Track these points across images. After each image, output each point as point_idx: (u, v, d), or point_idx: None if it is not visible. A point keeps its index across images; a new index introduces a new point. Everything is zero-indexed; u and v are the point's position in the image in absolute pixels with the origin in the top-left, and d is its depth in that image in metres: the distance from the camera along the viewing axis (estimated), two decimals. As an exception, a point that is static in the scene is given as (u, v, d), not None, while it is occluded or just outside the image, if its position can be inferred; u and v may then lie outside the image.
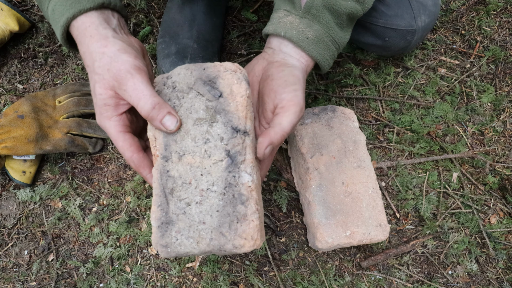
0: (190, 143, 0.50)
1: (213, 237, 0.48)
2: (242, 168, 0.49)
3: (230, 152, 0.50)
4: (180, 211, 0.49)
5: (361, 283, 0.81)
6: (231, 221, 0.48)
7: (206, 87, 0.51)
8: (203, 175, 0.50)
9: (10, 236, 0.84)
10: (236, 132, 0.50)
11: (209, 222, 0.48)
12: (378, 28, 0.81)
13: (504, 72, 1.00)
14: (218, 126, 0.51)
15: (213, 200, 0.49)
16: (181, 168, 0.50)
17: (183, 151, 0.50)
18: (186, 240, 0.49)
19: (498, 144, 0.94)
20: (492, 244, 0.85)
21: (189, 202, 0.49)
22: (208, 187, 0.49)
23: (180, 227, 0.49)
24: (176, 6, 0.92)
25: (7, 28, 0.91)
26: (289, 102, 0.53)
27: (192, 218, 0.49)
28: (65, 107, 0.86)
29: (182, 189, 0.50)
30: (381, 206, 0.74)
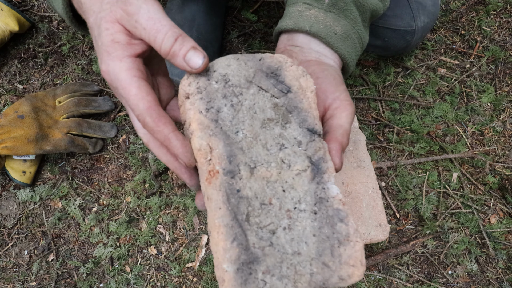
0: (262, 151, 0.39)
1: (314, 270, 0.36)
2: (326, 178, 0.40)
3: (312, 158, 0.40)
4: (265, 243, 0.37)
5: (361, 283, 0.81)
6: (332, 246, 0.37)
7: (270, 80, 0.42)
8: (286, 191, 0.39)
9: (10, 236, 0.84)
10: (313, 134, 0.41)
11: (306, 251, 0.37)
12: (378, 28, 0.81)
13: (504, 72, 1.00)
14: (292, 127, 0.41)
15: (306, 221, 0.38)
16: (255, 184, 0.38)
17: (254, 162, 0.39)
18: (279, 282, 0.36)
19: (498, 144, 0.94)
20: (492, 244, 0.85)
21: (274, 229, 0.37)
22: (295, 206, 0.38)
23: (269, 265, 0.36)
24: (176, 6, 0.92)
25: (7, 28, 0.91)
26: (344, 101, 0.46)
27: (283, 250, 0.37)
28: (65, 107, 0.86)
29: (262, 212, 0.38)
30: (381, 206, 0.74)
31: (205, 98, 0.40)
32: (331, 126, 0.45)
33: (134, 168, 0.88)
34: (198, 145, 0.38)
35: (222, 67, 0.42)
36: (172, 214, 0.85)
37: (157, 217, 0.85)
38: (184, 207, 0.85)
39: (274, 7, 1.03)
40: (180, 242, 0.84)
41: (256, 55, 0.43)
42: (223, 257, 0.35)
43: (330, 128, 0.45)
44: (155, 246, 0.83)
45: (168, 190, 0.87)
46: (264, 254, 0.36)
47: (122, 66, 0.38)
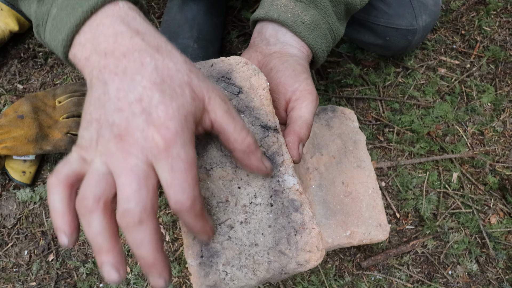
0: (217, 153, 0.41)
1: (272, 259, 0.39)
2: (283, 170, 0.41)
3: (266, 154, 0.42)
4: (223, 237, 0.39)
5: (361, 283, 0.81)
6: (289, 235, 0.40)
7: (221, 84, 0.43)
8: (241, 187, 0.41)
9: (10, 236, 0.84)
10: (267, 130, 0.42)
11: (263, 242, 0.39)
12: (379, 28, 0.81)
13: (504, 72, 1.00)
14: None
15: (261, 214, 0.40)
16: (212, 185, 0.41)
17: (210, 165, 0.41)
18: (239, 272, 0.39)
19: (498, 144, 0.94)
20: (492, 244, 0.85)
21: (232, 224, 0.40)
22: (251, 201, 0.41)
23: (228, 257, 0.39)
24: (176, 6, 0.92)
25: (7, 28, 0.91)
26: (304, 91, 0.46)
27: (240, 243, 0.39)
28: (65, 107, 0.86)
29: (219, 210, 0.40)
30: (381, 206, 0.74)
31: None
32: (291, 118, 0.45)
33: (134, 168, 0.88)
34: None
35: None
36: (172, 214, 0.85)
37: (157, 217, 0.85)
38: (184, 207, 0.85)
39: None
40: (180, 242, 0.84)
41: (208, 61, 0.45)
42: (186, 253, 0.39)
43: (290, 121, 0.45)
44: (155, 246, 0.83)
45: (168, 190, 0.87)
46: (223, 248, 0.39)
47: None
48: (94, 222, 0.31)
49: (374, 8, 0.79)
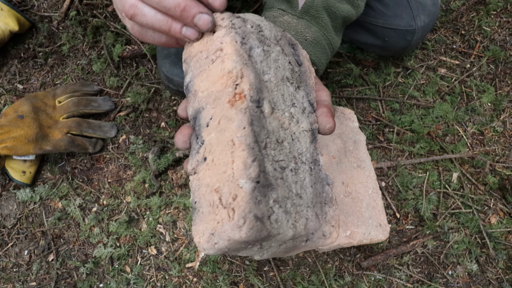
0: (281, 99, 0.41)
1: (309, 216, 0.38)
2: (318, 149, 0.43)
3: (312, 126, 0.43)
4: (278, 174, 0.37)
5: (361, 283, 0.81)
6: (321, 203, 0.40)
7: (290, 49, 0.44)
8: (294, 140, 0.40)
9: (10, 236, 0.84)
10: (312, 108, 0.44)
11: (305, 198, 0.38)
12: (378, 28, 0.81)
13: (504, 72, 1.00)
14: (301, 94, 0.43)
15: (305, 173, 0.40)
16: (273, 123, 0.39)
17: (275, 104, 0.40)
18: (284, 216, 0.35)
19: (498, 144, 0.94)
20: (492, 244, 0.85)
21: (285, 167, 0.38)
22: (299, 156, 0.40)
23: (279, 196, 0.36)
24: (176, 6, 0.92)
25: (7, 28, 0.91)
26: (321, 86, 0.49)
27: (289, 188, 0.37)
28: (65, 107, 0.86)
29: (277, 148, 0.38)
30: (381, 206, 0.74)
31: (240, 34, 0.40)
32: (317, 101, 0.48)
33: (134, 168, 0.88)
34: (231, 67, 0.37)
35: (256, 19, 0.44)
36: (172, 214, 0.85)
37: (157, 217, 0.85)
38: (184, 207, 0.85)
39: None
40: (180, 242, 0.84)
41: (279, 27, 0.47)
42: (241, 172, 0.33)
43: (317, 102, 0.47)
44: (155, 246, 0.83)
45: (168, 190, 0.87)
46: (278, 185, 0.36)
47: None
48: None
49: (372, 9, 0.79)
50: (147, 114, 0.94)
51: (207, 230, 0.34)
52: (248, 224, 0.32)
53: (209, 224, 0.34)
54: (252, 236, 0.33)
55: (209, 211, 0.35)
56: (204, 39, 0.41)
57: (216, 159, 0.36)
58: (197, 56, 0.41)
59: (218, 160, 0.35)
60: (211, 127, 0.37)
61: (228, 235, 0.32)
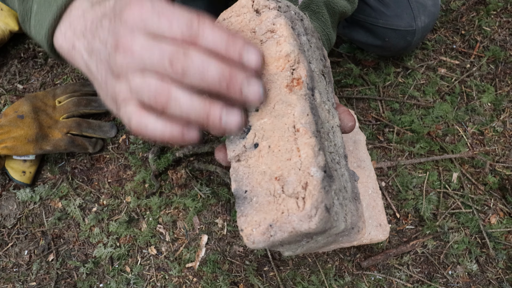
0: (323, 91, 0.39)
1: (351, 210, 0.36)
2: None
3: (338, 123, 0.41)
4: (334, 166, 0.36)
5: (361, 283, 0.81)
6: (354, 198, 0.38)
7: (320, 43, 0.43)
8: (333, 134, 0.38)
9: (10, 236, 0.84)
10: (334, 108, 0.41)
11: (349, 191, 0.37)
12: (378, 29, 0.81)
13: (504, 72, 1.00)
14: (330, 90, 0.41)
15: (343, 167, 0.38)
16: (322, 113, 0.37)
17: (320, 96, 0.38)
18: (340, 208, 0.34)
19: (498, 144, 0.94)
20: (492, 244, 0.85)
21: (335, 159, 0.37)
22: (337, 149, 0.38)
23: (337, 188, 0.34)
24: (176, 6, 0.92)
25: (7, 28, 0.91)
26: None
27: (340, 181, 0.36)
28: (65, 107, 0.86)
29: (328, 139, 0.37)
30: (381, 206, 0.74)
31: (288, 18, 0.38)
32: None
33: (134, 168, 0.88)
34: (289, 51, 0.35)
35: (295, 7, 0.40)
36: (172, 214, 0.85)
37: (157, 217, 0.85)
38: (184, 207, 0.85)
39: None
40: (180, 242, 0.84)
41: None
42: (311, 160, 0.31)
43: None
44: (155, 246, 0.83)
45: (168, 190, 0.87)
46: (334, 176, 0.34)
47: None
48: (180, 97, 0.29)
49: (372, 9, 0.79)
50: (147, 114, 0.94)
51: (266, 221, 0.31)
52: (320, 215, 0.30)
53: (268, 215, 0.32)
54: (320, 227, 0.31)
55: (269, 200, 0.32)
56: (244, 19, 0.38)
57: (273, 146, 0.33)
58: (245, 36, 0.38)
59: (277, 146, 0.33)
60: (263, 111, 0.34)
61: (294, 226, 0.30)
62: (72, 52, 0.36)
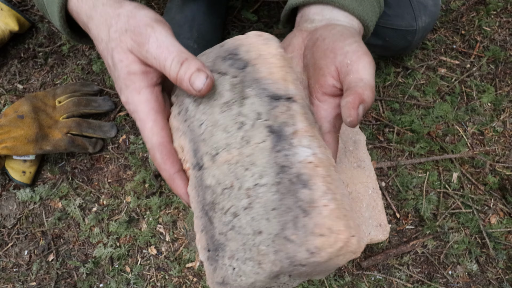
0: (222, 136, 0.37)
1: (277, 248, 0.32)
2: (295, 142, 0.35)
3: (273, 127, 0.36)
4: (227, 227, 0.35)
5: (361, 283, 0.81)
6: (296, 217, 0.32)
7: (226, 62, 0.40)
8: (248, 169, 0.35)
9: (10, 236, 0.84)
10: (275, 100, 0.37)
11: (267, 228, 0.33)
12: (378, 28, 0.81)
13: (504, 72, 1.00)
14: (251, 101, 0.38)
15: (266, 196, 0.34)
16: (217, 171, 0.37)
17: (216, 149, 0.37)
18: (245, 266, 0.34)
19: (498, 144, 0.94)
20: (492, 244, 0.85)
21: (236, 212, 0.35)
22: (255, 183, 0.35)
23: (233, 249, 0.34)
24: (176, 6, 0.92)
25: (7, 28, 0.91)
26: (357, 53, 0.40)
27: (244, 232, 0.34)
28: (65, 107, 0.86)
29: (224, 197, 0.36)
30: (381, 206, 0.74)
31: (177, 102, 0.42)
32: (349, 83, 0.39)
33: (134, 168, 0.88)
34: (175, 146, 0.41)
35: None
36: (172, 214, 0.85)
37: (157, 217, 0.85)
38: (184, 207, 0.85)
39: (274, 7, 1.03)
40: (180, 242, 0.84)
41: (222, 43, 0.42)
42: (198, 247, 0.37)
43: (348, 86, 0.39)
44: (155, 246, 0.83)
45: (168, 190, 0.87)
46: (227, 239, 0.35)
47: (141, 99, 0.39)
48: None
49: None
50: (147, 114, 0.93)
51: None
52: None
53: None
54: None
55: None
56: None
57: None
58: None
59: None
60: None
61: None
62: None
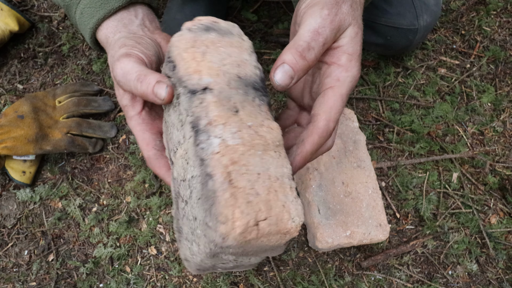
0: (175, 134, 0.41)
1: (204, 232, 0.36)
2: (210, 133, 0.37)
3: (194, 122, 0.38)
4: (182, 213, 0.41)
5: (361, 283, 0.81)
6: (211, 205, 0.35)
7: (167, 65, 0.42)
8: (188, 163, 0.39)
9: (10, 236, 0.84)
10: (193, 94, 0.39)
11: (198, 215, 0.37)
12: (380, 27, 0.81)
13: (504, 72, 1.00)
14: (181, 99, 0.40)
15: (196, 187, 0.37)
16: (178, 165, 0.41)
17: (175, 146, 0.42)
18: (193, 246, 0.40)
19: (498, 144, 0.94)
20: (492, 244, 0.85)
21: (187, 200, 0.40)
22: (192, 175, 0.38)
23: (186, 232, 0.40)
24: (176, 6, 0.92)
25: (7, 28, 0.91)
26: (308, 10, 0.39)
27: (189, 218, 0.39)
28: (65, 107, 0.85)
29: (182, 187, 0.40)
30: (381, 206, 0.74)
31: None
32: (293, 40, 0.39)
33: (134, 168, 0.88)
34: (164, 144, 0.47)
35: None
36: (172, 214, 0.85)
37: (157, 217, 0.85)
38: (184, 207, 0.85)
39: (274, 7, 1.03)
40: (180, 242, 0.84)
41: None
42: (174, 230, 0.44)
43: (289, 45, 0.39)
44: (155, 246, 0.83)
45: (168, 190, 0.87)
46: (183, 224, 0.41)
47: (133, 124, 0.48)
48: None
49: (375, 7, 0.79)
50: (147, 114, 0.94)
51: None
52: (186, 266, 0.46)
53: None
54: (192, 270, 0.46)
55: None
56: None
57: None
58: None
59: None
60: None
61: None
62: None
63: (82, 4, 0.51)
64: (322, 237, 0.71)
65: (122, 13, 0.51)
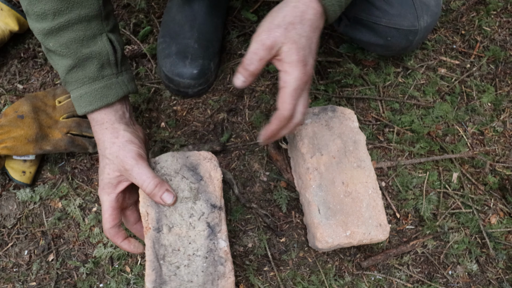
0: (178, 217, 0.63)
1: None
2: (219, 236, 0.63)
3: (210, 224, 0.63)
4: (171, 273, 0.61)
5: (361, 283, 0.81)
6: (213, 279, 0.61)
7: (190, 172, 0.66)
8: (190, 243, 0.62)
9: (10, 236, 0.84)
10: (214, 208, 0.64)
11: (196, 280, 0.60)
12: (381, 28, 0.81)
13: (504, 72, 1.00)
14: (200, 203, 0.64)
15: (198, 262, 0.61)
16: (171, 238, 0.62)
17: (172, 224, 0.63)
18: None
19: (498, 144, 0.94)
20: (492, 244, 0.85)
21: (179, 266, 0.61)
22: (193, 253, 0.62)
23: (172, 286, 0.60)
24: (177, 6, 0.92)
25: (7, 28, 0.91)
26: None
27: (182, 278, 0.60)
28: (65, 107, 0.86)
29: (173, 255, 0.61)
30: (381, 206, 0.74)
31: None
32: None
33: (134, 168, 0.88)
34: (141, 211, 0.64)
35: (163, 161, 0.67)
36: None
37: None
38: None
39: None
40: (180, 242, 0.84)
41: (186, 153, 0.67)
42: (146, 279, 0.60)
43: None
44: (155, 246, 0.83)
45: (168, 190, 0.87)
46: (170, 280, 0.60)
47: (107, 198, 0.63)
48: None
49: (376, 8, 0.79)
50: (147, 114, 0.94)
51: None
52: None
53: None
54: None
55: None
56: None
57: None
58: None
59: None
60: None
61: None
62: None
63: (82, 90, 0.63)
64: (322, 237, 0.71)
65: (117, 105, 0.65)
